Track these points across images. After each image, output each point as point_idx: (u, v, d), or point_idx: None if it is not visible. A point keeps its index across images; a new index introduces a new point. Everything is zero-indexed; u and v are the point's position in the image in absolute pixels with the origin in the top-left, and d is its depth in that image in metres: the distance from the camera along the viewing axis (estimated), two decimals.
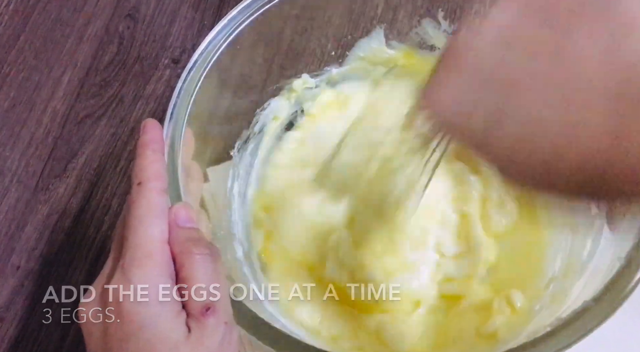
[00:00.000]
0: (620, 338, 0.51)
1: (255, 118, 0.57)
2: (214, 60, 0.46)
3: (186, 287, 0.34)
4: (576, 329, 0.39)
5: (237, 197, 0.55)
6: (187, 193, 0.43)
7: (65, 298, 0.56)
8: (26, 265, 0.58)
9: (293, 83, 0.57)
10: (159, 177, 0.37)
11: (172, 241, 0.36)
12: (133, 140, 0.63)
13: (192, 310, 0.34)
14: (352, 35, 0.57)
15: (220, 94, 0.51)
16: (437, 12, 0.55)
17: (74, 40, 0.68)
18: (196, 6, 0.69)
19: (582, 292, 0.44)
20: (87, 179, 0.62)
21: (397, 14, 0.58)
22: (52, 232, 0.59)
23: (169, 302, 0.33)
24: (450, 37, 0.31)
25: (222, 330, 0.34)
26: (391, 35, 0.57)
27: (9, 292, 0.57)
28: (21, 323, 0.56)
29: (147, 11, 0.69)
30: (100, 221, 0.60)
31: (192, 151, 0.46)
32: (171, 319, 0.33)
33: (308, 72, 0.57)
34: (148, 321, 0.33)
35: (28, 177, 0.62)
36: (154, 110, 0.65)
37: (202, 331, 0.33)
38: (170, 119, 0.43)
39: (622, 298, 0.40)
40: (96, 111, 0.65)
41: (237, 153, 0.55)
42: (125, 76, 0.66)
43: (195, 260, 0.35)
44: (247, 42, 0.49)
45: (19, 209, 0.60)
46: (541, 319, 0.46)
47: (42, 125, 0.64)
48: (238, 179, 0.55)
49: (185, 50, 0.67)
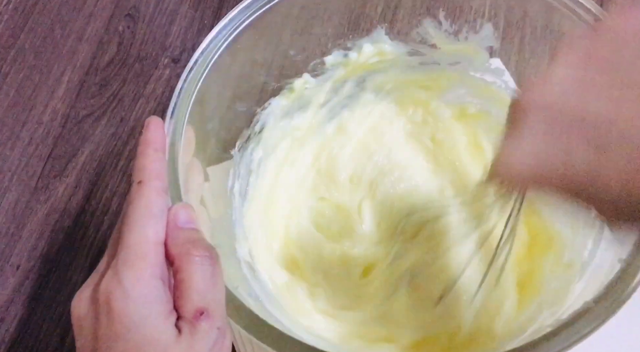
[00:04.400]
0: (621, 338, 0.51)
1: (255, 117, 0.57)
2: (215, 60, 0.46)
3: (182, 289, 0.34)
4: (577, 330, 0.39)
5: (238, 196, 0.55)
6: (188, 192, 0.42)
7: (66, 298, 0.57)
8: (26, 265, 0.58)
9: (293, 83, 0.57)
10: (160, 177, 0.37)
11: (171, 242, 0.35)
12: (133, 139, 0.63)
13: (185, 313, 0.34)
14: (353, 35, 0.57)
15: (220, 94, 0.51)
16: (438, 11, 0.55)
17: (73, 40, 0.67)
18: (196, 6, 0.69)
19: (582, 293, 0.44)
20: (87, 178, 0.62)
21: (397, 14, 0.58)
22: (52, 231, 0.59)
23: (158, 304, 0.33)
24: (512, 102, 0.31)
25: (214, 335, 0.34)
26: (392, 35, 0.57)
27: (9, 292, 0.57)
28: (21, 323, 0.56)
29: (147, 11, 0.69)
30: (100, 220, 0.60)
31: (193, 150, 0.46)
32: (161, 321, 0.33)
33: (308, 71, 0.57)
34: (137, 322, 0.32)
35: (28, 177, 0.61)
36: (154, 110, 0.65)
37: (194, 335, 0.33)
38: (171, 118, 0.43)
39: (623, 299, 0.39)
40: (96, 111, 0.65)
41: (238, 152, 0.55)
42: (125, 76, 0.66)
43: (193, 262, 0.34)
44: (247, 42, 0.49)
45: (19, 208, 0.60)
46: (542, 319, 0.46)
47: (42, 124, 0.64)
48: (239, 178, 0.55)
49: (185, 49, 0.67)
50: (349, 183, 0.59)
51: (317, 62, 0.57)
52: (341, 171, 0.59)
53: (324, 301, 0.53)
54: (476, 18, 0.55)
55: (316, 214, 0.58)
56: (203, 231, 0.38)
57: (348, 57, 0.57)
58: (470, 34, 0.56)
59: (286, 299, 0.52)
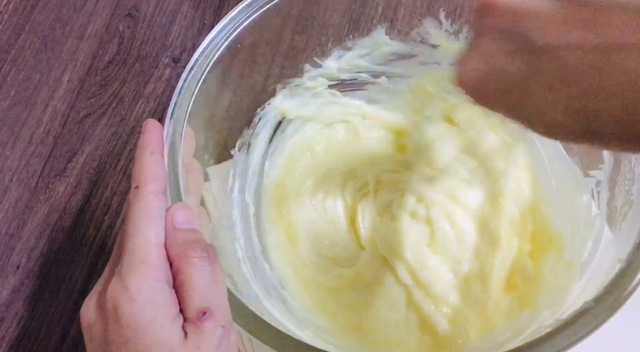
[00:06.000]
0: (621, 338, 0.51)
1: (256, 117, 0.57)
2: (215, 60, 0.46)
3: (183, 291, 0.34)
4: (577, 330, 0.39)
5: (238, 196, 0.55)
6: (188, 191, 0.43)
7: (66, 297, 0.57)
8: (26, 264, 0.58)
9: (293, 82, 0.57)
10: (157, 180, 0.37)
11: (169, 244, 0.36)
12: (133, 139, 0.63)
13: (188, 314, 0.34)
14: (353, 35, 0.57)
15: (221, 93, 0.51)
16: (438, 11, 0.55)
17: (74, 40, 0.67)
18: (196, 5, 0.69)
19: (582, 293, 0.44)
20: (88, 178, 0.62)
21: (397, 14, 0.58)
22: (52, 231, 0.59)
23: (164, 307, 0.33)
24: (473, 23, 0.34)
25: (219, 334, 0.34)
26: (392, 34, 0.57)
27: (9, 291, 0.57)
28: (21, 323, 0.56)
29: (147, 10, 0.69)
30: (100, 220, 0.60)
31: (193, 150, 0.46)
32: (167, 323, 0.33)
33: (308, 71, 0.57)
34: (144, 326, 0.33)
35: (28, 177, 0.61)
36: (154, 110, 0.65)
37: (199, 335, 0.33)
38: (171, 118, 0.43)
39: (623, 299, 0.40)
40: (96, 110, 0.64)
41: (238, 152, 0.55)
42: (125, 75, 0.66)
43: (192, 263, 0.35)
44: (248, 41, 0.49)
45: (19, 208, 0.60)
46: (542, 319, 0.46)
47: (42, 124, 0.64)
48: (239, 178, 0.55)
49: (186, 49, 0.67)
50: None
51: (317, 62, 0.57)
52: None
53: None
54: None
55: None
56: (203, 231, 0.38)
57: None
58: (471, 34, 0.56)
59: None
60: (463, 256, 0.53)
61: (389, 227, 0.55)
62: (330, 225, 0.57)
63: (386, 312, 0.52)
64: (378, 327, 0.52)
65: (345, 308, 0.53)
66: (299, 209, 0.57)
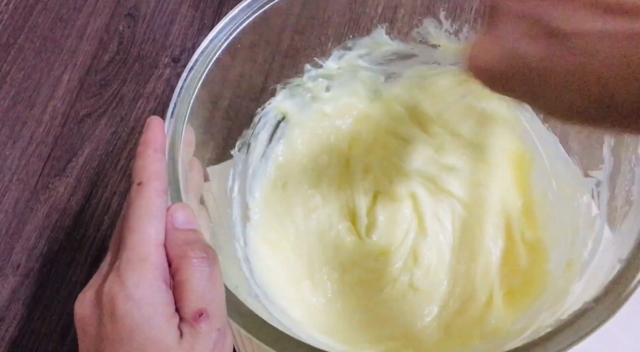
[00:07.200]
0: (621, 338, 0.51)
1: (256, 117, 0.57)
2: (215, 60, 0.46)
3: (181, 291, 0.34)
4: (577, 330, 0.39)
5: (238, 196, 0.55)
6: (188, 191, 0.42)
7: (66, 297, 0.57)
8: (26, 264, 0.58)
9: (293, 82, 0.57)
10: (159, 178, 0.37)
11: (168, 243, 0.35)
12: (133, 139, 0.63)
13: (185, 315, 0.34)
14: (353, 35, 0.57)
15: (220, 93, 0.51)
16: (438, 11, 0.55)
17: (74, 40, 0.67)
18: (196, 5, 0.69)
19: (582, 293, 0.44)
20: (87, 178, 0.62)
21: (397, 13, 0.58)
22: (52, 231, 0.59)
23: (161, 305, 0.33)
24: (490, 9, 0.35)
25: (215, 336, 0.34)
26: (392, 34, 0.57)
27: (9, 291, 0.57)
28: (21, 323, 0.56)
29: (147, 10, 0.69)
30: (100, 220, 0.60)
31: (193, 150, 0.46)
32: (163, 322, 0.33)
33: (308, 71, 0.57)
34: (140, 324, 0.33)
35: (28, 176, 0.61)
36: (154, 109, 0.65)
37: (194, 336, 0.33)
38: (171, 118, 0.43)
39: (623, 299, 0.39)
40: (96, 110, 0.64)
41: (238, 152, 0.55)
42: (125, 75, 0.66)
43: (191, 264, 0.34)
44: (247, 41, 0.49)
45: (19, 208, 0.60)
46: (542, 319, 0.46)
47: (42, 124, 0.64)
48: (239, 178, 0.55)
49: (186, 49, 0.67)
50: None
51: (317, 62, 0.57)
52: None
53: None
54: (477, 17, 0.55)
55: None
56: (203, 231, 0.38)
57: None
58: (470, 34, 0.56)
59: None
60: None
61: (386, 217, 0.56)
62: (330, 225, 0.57)
63: (387, 310, 0.53)
64: (380, 323, 0.52)
65: (346, 308, 0.53)
66: (298, 208, 0.57)
